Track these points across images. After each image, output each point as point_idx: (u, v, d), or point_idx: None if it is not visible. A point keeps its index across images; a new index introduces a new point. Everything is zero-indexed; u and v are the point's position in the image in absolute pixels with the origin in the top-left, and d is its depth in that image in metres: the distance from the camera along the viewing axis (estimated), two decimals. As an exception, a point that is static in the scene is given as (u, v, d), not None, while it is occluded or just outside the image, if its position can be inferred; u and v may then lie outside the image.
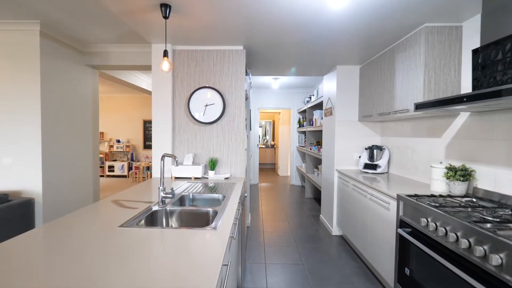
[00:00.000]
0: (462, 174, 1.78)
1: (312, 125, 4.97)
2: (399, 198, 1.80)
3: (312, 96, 5.01)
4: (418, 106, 1.77)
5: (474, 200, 1.66)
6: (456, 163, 1.98)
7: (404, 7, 1.80)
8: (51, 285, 0.73)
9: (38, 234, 1.08)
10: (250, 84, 3.63)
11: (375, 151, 2.98)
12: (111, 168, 7.18)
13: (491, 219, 1.25)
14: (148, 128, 7.33)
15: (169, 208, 1.51)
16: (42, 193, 2.67)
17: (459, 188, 1.81)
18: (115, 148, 7.18)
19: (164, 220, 1.49)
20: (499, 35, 1.43)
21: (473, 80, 1.57)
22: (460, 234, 1.25)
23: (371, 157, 3.02)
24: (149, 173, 6.85)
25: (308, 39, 2.41)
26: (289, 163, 7.48)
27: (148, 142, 7.35)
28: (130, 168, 7.20)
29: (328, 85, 3.63)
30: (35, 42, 2.61)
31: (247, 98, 3.32)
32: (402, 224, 1.76)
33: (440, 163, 2.01)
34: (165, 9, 1.77)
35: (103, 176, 7.18)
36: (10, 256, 0.90)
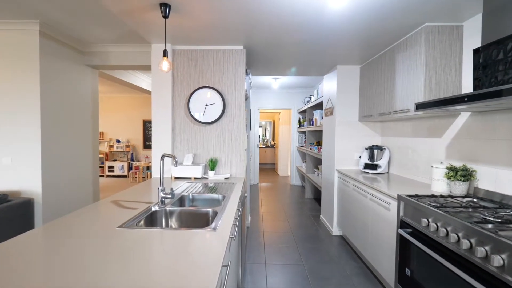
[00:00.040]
0: (463, 174, 1.77)
1: (312, 125, 4.96)
2: (400, 198, 1.79)
3: (312, 96, 5.00)
4: (419, 106, 1.77)
5: (475, 200, 1.65)
6: (457, 163, 1.97)
7: (404, 7, 1.79)
8: (50, 285, 0.73)
9: (37, 235, 1.07)
10: (250, 84, 3.63)
11: (375, 151, 2.98)
12: (111, 168, 7.18)
13: (492, 219, 1.25)
14: (148, 128, 7.32)
15: (168, 209, 1.51)
16: (41, 193, 2.67)
17: (460, 188, 1.80)
18: (115, 148, 7.17)
19: (164, 221, 1.48)
20: (500, 35, 1.42)
21: (474, 79, 1.56)
22: (461, 235, 1.25)
23: (371, 157, 3.01)
24: (149, 173, 6.85)
25: (308, 38, 2.40)
26: (289, 163, 7.48)
27: (148, 142, 7.34)
28: (130, 168, 7.20)
29: (328, 85, 3.63)
30: (34, 42, 2.60)
31: (247, 98, 3.31)
32: (402, 224, 1.76)
33: (441, 163, 2.01)
34: (164, 8, 1.77)
35: (103, 176, 7.18)
36: (10, 256, 0.89)
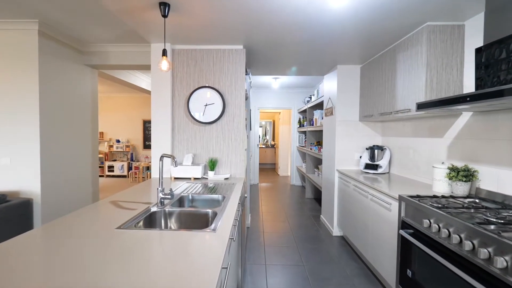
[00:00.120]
0: (464, 174, 1.76)
1: (312, 125, 4.95)
2: (401, 198, 1.78)
3: (312, 96, 4.99)
4: (420, 106, 1.75)
5: (477, 201, 1.64)
6: (459, 164, 1.96)
7: (405, 6, 1.78)
8: (50, 285, 0.72)
9: (36, 236, 1.06)
10: (250, 84, 3.61)
11: (376, 151, 2.96)
12: (111, 168, 7.16)
13: (495, 220, 1.23)
14: (147, 128, 7.31)
15: (168, 209, 1.49)
16: (40, 193, 2.65)
17: (461, 188, 1.78)
18: (114, 148, 7.16)
19: (163, 222, 1.47)
20: (503, 34, 1.41)
21: (476, 79, 1.54)
22: (463, 236, 1.23)
23: (372, 157, 3.00)
24: (148, 173, 6.83)
25: (309, 38, 2.39)
26: (289, 163, 7.46)
27: (148, 142, 7.33)
28: (129, 168, 7.18)
29: (329, 84, 3.61)
30: (33, 41, 2.59)
31: (247, 98, 3.30)
32: (403, 225, 1.74)
33: (442, 163, 1.99)
34: (164, 7, 1.75)
35: (102, 176, 7.17)
36: (9, 256, 0.89)
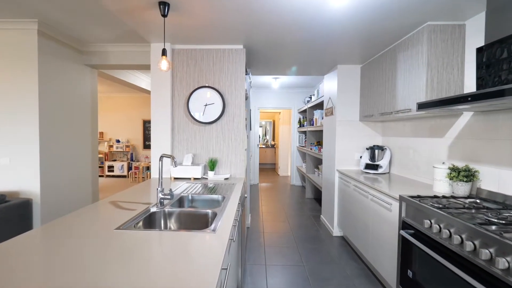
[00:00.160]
0: (465, 174, 1.75)
1: (312, 125, 4.94)
2: (402, 199, 1.77)
3: (312, 96, 4.98)
4: (421, 106, 1.75)
5: (478, 201, 1.63)
6: (459, 164, 1.95)
7: (406, 6, 1.77)
8: (50, 285, 0.71)
9: (35, 236, 1.05)
10: (250, 84, 3.61)
11: (376, 151, 2.95)
12: (111, 168, 7.16)
13: (496, 221, 1.23)
14: (147, 128, 7.30)
15: (167, 210, 1.49)
16: (40, 193, 2.64)
17: (462, 189, 1.78)
18: (114, 148, 7.15)
19: (162, 222, 1.46)
20: (504, 33, 1.40)
21: (477, 79, 1.54)
22: (464, 237, 1.23)
23: (372, 157, 2.99)
24: (148, 173, 6.83)
25: (309, 38, 2.38)
26: (289, 163, 7.45)
27: (148, 142, 7.32)
28: (129, 168, 7.17)
29: (329, 84, 3.61)
30: (33, 41, 2.58)
31: (247, 98, 3.29)
32: (404, 225, 1.73)
33: (443, 163, 1.99)
34: (163, 7, 1.74)
35: (102, 176, 7.16)
36: (8, 257, 0.88)
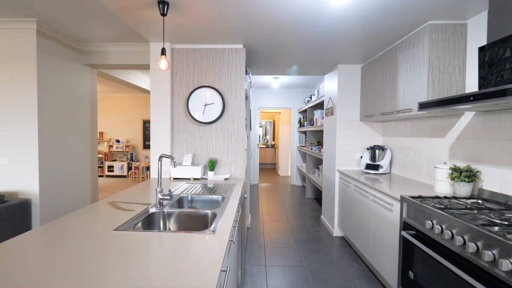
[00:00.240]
0: (467, 175, 1.74)
1: (312, 125, 4.92)
2: (403, 199, 1.76)
3: (312, 96, 4.97)
4: (422, 106, 1.73)
5: (480, 202, 1.62)
6: (461, 164, 1.94)
7: (407, 5, 1.75)
8: (48, 286, 0.69)
9: (32, 238, 1.04)
10: (250, 84, 3.59)
11: (377, 151, 2.94)
12: (111, 168, 7.14)
13: (499, 222, 1.21)
14: (147, 128, 7.29)
15: (166, 210, 1.47)
16: (39, 194, 2.63)
17: (464, 189, 1.76)
18: (114, 148, 7.14)
19: (162, 223, 1.45)
20: (506, 32, 1.39)
21: (479, 78, 1.52)
22: (467, 238, 1.21)
23: (373, 157, 2.98)
24: (148, 173, 6.81)
25: (309, 37, 2.37)
26: (289, 163, 7.44)
27: (148, 142, 7.31)
28: (129, 168, 7.16)
29: (329, 84, 3.59)
30: (31, 41, 2.57)
31: (247, 98, 3.28)
32: (405, 226, 1.72)
33: (444, 163, 1.97)
34: (162, 6, 1.73)
35: (102, 176, 7.15)
36: (7, 258, 0.87)
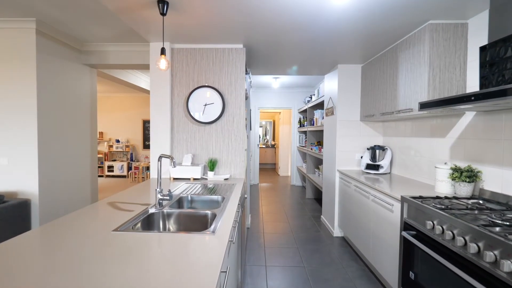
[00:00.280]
0: (468, 175, 1.73)
1: (313, 125, 4.92)
2: (403, 200, 1.75)
3: (313, 96, 4.96)
4: (423, 105, 1.72)
5: (481, 202, 1.61)
6: (462, 164, 1.93)
7: (407, 4, 1.75)
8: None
9: (30, 238, 1.03)
10: (250, 84, 3.58)
11: (377, 151, 2.93)
12: (111, 168, 7.14)
13: (500, 222, 1.21)
14: (147, 128, 7.28)
15: (166, 211, 1.47)
16: (38, 194, 2.62)
17: (465, 189, 1.75)
18: (114, 148, 7.13)
19: (161, 223, 1.44)
20: (508, 32, 1.38)
21: (480, 78, 1.52)
22: (468, 238, 1.21)
23: (373, 157, 2.97)
24: (148, 173, 6.80)
25: (310, 37, 2.36)
26: (289, 163, 7.43)
27: (148, 142, 7.30)
28: (129, 168, 7.16)
29: (329, 84, 3.58)
30: (31, 40, 2.56)
31: (247, 98, 3.27)
32: (406, 226, 1.71)
33: (445, 163, 1.96)
34: (162, 5, 1.72)
35: (102, 176, 7.14)
36: (5, 258, 0.86)
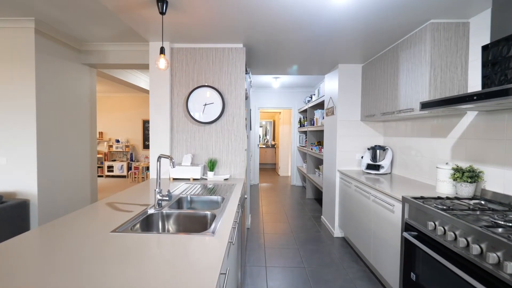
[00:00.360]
0: (469, 175, 1.72)
1: (313, 124, 4.90)
2: (404, 200, 1.74)
3: (313, 96, 4.95)
4: (425, 105, 1.71)
5: (483, 202, 1.59)
6: (463, 164, 1.91)
7: (409, 3, 1.73)
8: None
9: (28, 239, 1.02)
10: (250, 83, 3.57)
11: (378, 151, 2.92)
12: (110, 168, 7.13)
13: (503, 223, 1.19)
14: (147, 128, 7.27)
15: (165, 212, 1.45)
16: (37, 194, 2.61)
17: (466, 190, 1.74)
18: (114, 148, 7.12)
19: (160, 224, 1.43)
20: (510, 31, 1.37)
21: (483, 77, 1.50)
22: (470, 239, 1.19)
23: (373, 157, 2.95)
24: (148, 173, 6.79)
25: (310, 36, 2.34)
26: (289, 163, 7.42)
27: (148, 142, 7.29)
28: (129, 168, 7.14)
29: (330, 84, 3.57)
30: (30, 40, 2.55)
31: (247, 98, 3.26)
32: (407, 227, 1.70)
33: (446, 164, 1.95)
34: (161, 4, 1.71)
35: (102, 176, 7.13)
36: (4, 259, 0.85)
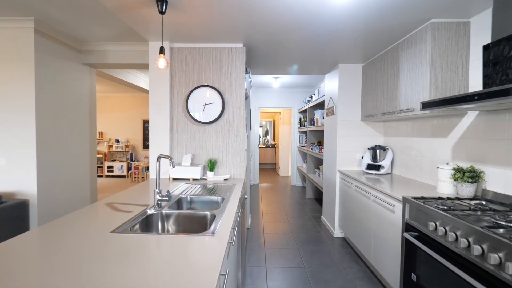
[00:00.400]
0: (470, 175, 1.71)
1: (313, 124, 4.90)
2: (405, 200, 1.73)
3: (313, 96, 4.94)
4: (425, 105, 1.70)
5: (484, 203, 1.59)
6: (464, 164, 1.91)
7: (409, 3, 1.73)
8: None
9: (27, 239, 1.01)
10: (250, 83, 3.57)
11: (378, 151, 2.91)
12: (110, 168, 7.12)
13: (504, 223, 1.18)
14: (147, 128, 7.26)
15: (165, 212, 1.45)
16: (37, 194, 2.61)
17: (467, 190, 1.73)
18: (114, 148, 7.12)
19: (160, 225, 1.42)
20: (511, 30, 1.36)
21: (484, 77, 1.49)
22: (472, 240, 1.18)
23: (374, 157, 2.95)
24: (148, 173, 6.79)
25: (310, 36, 2.34)
26: (289, 163, 7.41)
27: (148, 142, 7.29)
28: (129, 168, 7.14)
29: (330, 84, 3.56)
30: (29, 40, 2.54)
31: (247, 97, 3.25)
32: (408, 227, 1.69)
33: (447, 164, 1.94)
34: (161, 4, 1.70)
35: (102, 176, 7.12)
36: (3, 259, 0.85)
